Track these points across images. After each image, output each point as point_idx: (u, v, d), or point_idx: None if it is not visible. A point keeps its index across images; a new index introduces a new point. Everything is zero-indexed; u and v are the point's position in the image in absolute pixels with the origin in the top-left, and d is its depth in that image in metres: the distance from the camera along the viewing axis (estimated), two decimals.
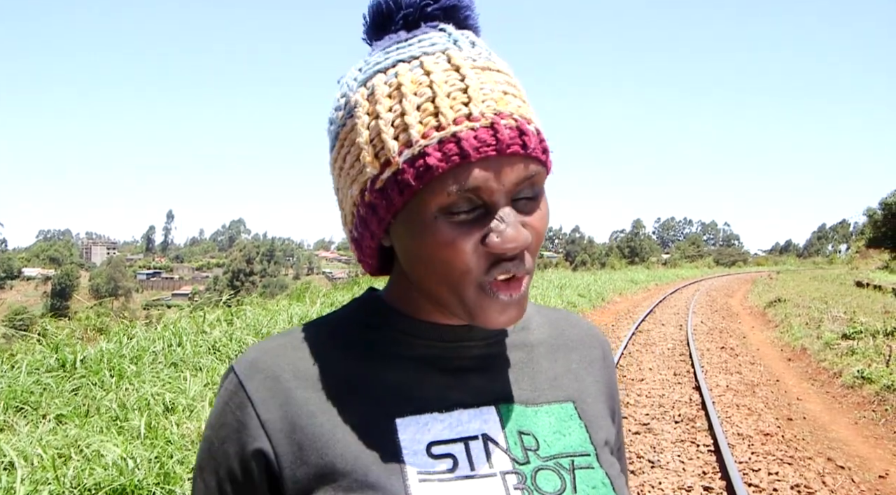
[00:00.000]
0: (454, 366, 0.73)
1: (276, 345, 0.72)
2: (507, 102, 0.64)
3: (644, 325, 14.45)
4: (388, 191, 0.64)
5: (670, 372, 9.12)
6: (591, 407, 0.78)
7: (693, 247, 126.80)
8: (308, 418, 0.67)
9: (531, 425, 0.72)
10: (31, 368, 5.47)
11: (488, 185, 0.62)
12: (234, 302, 9.64)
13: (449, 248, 0.63)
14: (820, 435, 6.36)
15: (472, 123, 0.62)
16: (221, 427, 0.69)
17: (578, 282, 22.35)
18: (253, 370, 0.70)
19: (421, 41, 0.68)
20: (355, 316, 0.76)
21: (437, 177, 0.62)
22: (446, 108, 0.62)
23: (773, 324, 14.96)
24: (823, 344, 10.61)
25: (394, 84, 0.65)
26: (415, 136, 0.62)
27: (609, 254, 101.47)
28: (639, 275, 35.36)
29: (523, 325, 0.80)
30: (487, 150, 0.61)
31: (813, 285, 24.27)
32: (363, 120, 0.66)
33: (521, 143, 0.63)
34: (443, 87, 0.64)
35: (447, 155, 0.61)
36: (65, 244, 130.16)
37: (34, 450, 3.76)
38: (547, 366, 0.79)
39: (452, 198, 0.62)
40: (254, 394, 0.68)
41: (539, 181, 0.66)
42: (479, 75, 0.65)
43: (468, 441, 0.69)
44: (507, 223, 0.63)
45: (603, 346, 0.86)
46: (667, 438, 6.06)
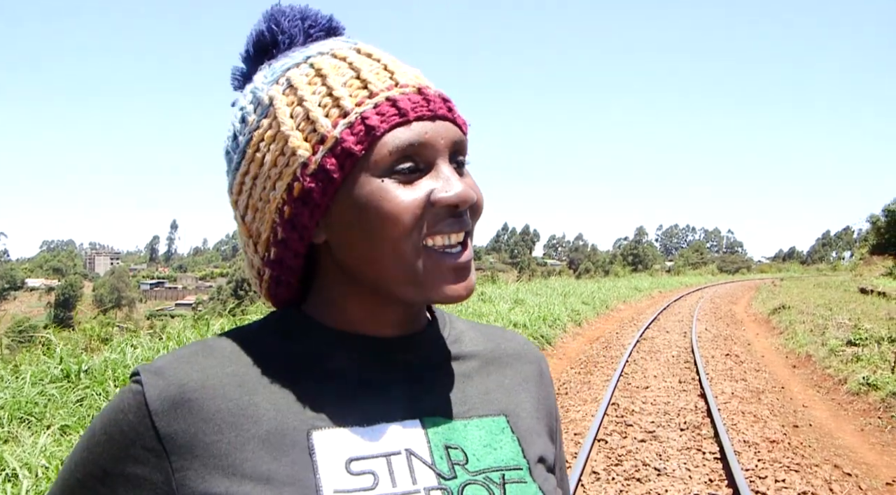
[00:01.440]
0: (378, 378, 0.70)
1: (187, 353, 0.67)
2: (425, 80, 0.69)
3: (648, 333, 14.41)
4: (325, 170, 0.63)
5: (675, 380, 9.08)
6: (524, 422, 0.75)
7: (696, 254, 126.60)
8: (215, 434, 0.62)
9: (460, 439, 0.69)
10: (35, 379, 5.47)
11: (427, 142, 0.64)
12: (238, 311, 9.65)
13: (398, 209, 0.63)
14: (826, 442, 6.33)
15: (402, 89, 0.66)
16: (112, 424, 0.64)
17: (582, 290, 22.30)
18: (157, 377, 0.64)
19: (321, 44, 0.71)
20: (273, 326, 0.72)
21: (378, 138, 0.63)
22: (374, 79, 0.66)
23: (778, 331, 14.91)
24: (828, 350, 10.57)
25: (311, 72, 0.68)
26: (349, 106, 0.64)
27: (612, 261, 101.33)
28: (642, 282, 35.29)
29: (455, 339, 0.78)
30: (422, 110, 0.65)
31: (817, 292, 24.18)
32: (284, 110, 0.66)
33: (448, 108, 0.67)
34: (364, 65, 0.67)
35: (385, 116, 0.63)
36: (68, 254, 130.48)
37: (38, 462, 3.76)
38: (479, 379, 0.76)
39: (395, 156, 0.63)
40: (153, 403, 0.62)
41: (466, 151, 0.69)
42: (392, 60, 0.69)
43: (390, 456, 0.65)
44: (452, 179, 0.65)
45: (539, 363, 0.83)
46: (673, 446, 6.03)
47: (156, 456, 0.62)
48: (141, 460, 0.62)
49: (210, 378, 0.65)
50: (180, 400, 0.63)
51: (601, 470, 5.36)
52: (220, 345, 0.69)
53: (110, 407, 0.66)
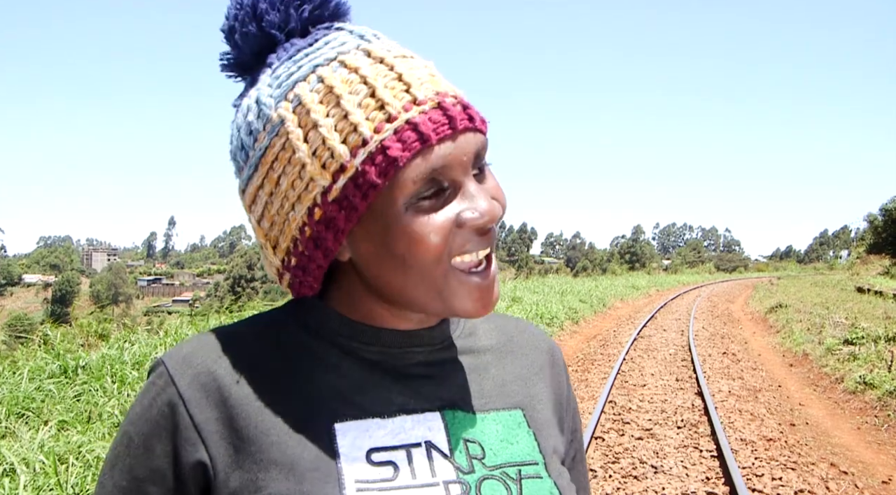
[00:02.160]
0: (398, 371, 0.70)
1: (212, 340, 0.67)
2: (440, 83, 0.64)
3: (645, 331, 14.43)
4: (348, 199, 0.61)
5: (672, 378, 9.10)
6: (540, 414, 0.75)
7: (694, 252, 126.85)
8: (244, 419, 0.63)
9: (477, 433, 0.69)
10: (32, 374, 5.47)
11: (450, 164, 0.61)
12: (235, 307, 9.65)
13: (425, 238, 0.61)
14: (823, 440, 6.35)
15: (421, 107, 0.61)
16: (146, 423, 0.64)
17: (580, 288, 22.32)
18: (185, 365, 0.65)
19: (328, 43, 0.66)
20: (292, 316, 0.72)
21: (401, 168, 0.60)
22: (391, 99, 0.61)
23: (775, 329, 14.94)
24: (825, 349, 10.59)
25: (322, 89, 0.62)
26: (367, 134, 0.60)
27: (610, 259, 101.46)
28: (640, 280, 35.32)
29: (471, 331, 0.78)
30: (444, 130, 0.61)
31: (814, 291, 24.23)
32: (297, 133, 0.62)
33: (469, 117, 0.63)
34: (378, 80, 0.62)
35: (407, 143, 0.60)
36: (65, 250, 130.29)
37: (36, 457, 3.76)
38: (495, 372, 0.76)
39: (418, 185, 0.60)
40: (186, 392, 0.63)
41: (485, 153, 0.66)
42: (405, 62, 0.64)
43: (410, 448, 0.65)
44: (478, 197, 0.63)
45: (552, 353, 0.83)
46: (670, 444, 6.04)
47: (193, 445, 0.63)
48: (183, 451, 0.63)
49: (236, 365, 0.66)
50: (211, 387, 0.64)
51: (598, 467, 5.37)
52: (242, 332, 0.70)
53: (141, 403, 0.65)
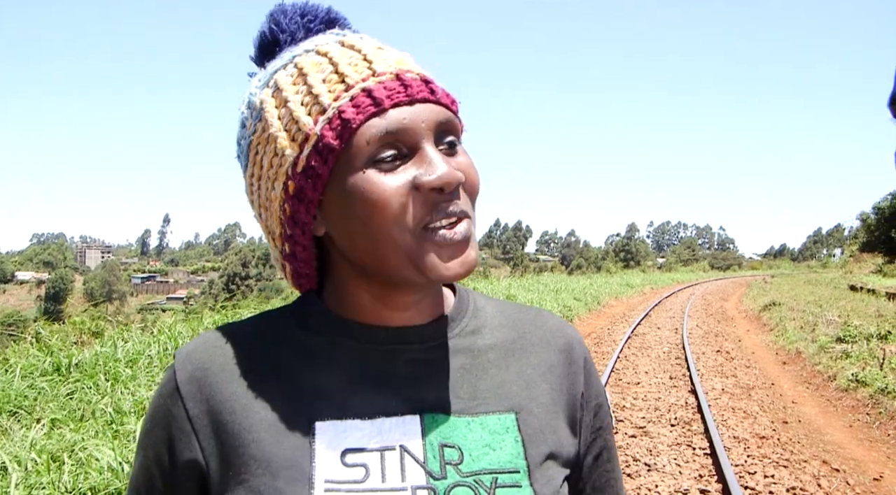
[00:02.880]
0: (385, 370, 0.70)
1: (213, 338, 0.72)
2: (407, 64, 0.68)
3: (640, 329, 14.46)
4: (311, 167, 0.65)
5: (666, 376, 9.13)
6: (537, 418, 0.73)
7: (688, 250, 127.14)
8: (230, 414, 0.67)
9: (458, 437, 0.68)
10: (25, 372, 5.46)
11: (406, 127, 0.64)
12: (229, 305, 9.62)
13: (382, 197, 0.63)
14: (815, 438, 6.38)
15: (379, 77, 0.65)
16: (155, 414, 0.70)
17: (574, 286, 22.35)
18: (187, 361, 0.70)
19: (311, 40, 0.72)
20: (291, 315, 0.75)
21: (355, 130, 0.64)
22: (350, 71, 0.66)
23: (768, 327, 14.99)
24: (818, 347, 10.64)
25: (295, 72, 0.69)
26: (326, 102, 0.65)
27: (605, 257, 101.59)
28: (634, 278, 35.39)
29: (473, 329, 0.77)
30: (398, 96, 0.64)
31: (807, 289, 24.32)
32: (272, 112, 0.68)
33: (429, 90, 0.67)
34: (343, 58, 0.68)
35: (361, 107, 0.64)
36: (59, 247, 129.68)
37: (28, 455, 3.75)
38: (494, 372, 0.74)
39: (373, 146, 0.64)
40: (183, 386, 0.68)
41: (455, 130, 0.68)
42: (376, 50, 0.69)
43: (384, 451, 0.66)
44: (436, 162, 0.64)
45: (569, 350, 0.79)
46: (663, 441, 6.06)
47: (188, 437, 0.67)
48: (178, 442, 0.67)
49: (229, 362, 0.69)
50: (204, 382, 0.68)
51: None
52: (242, 330, 0.73)
53: (154, 396, 0.71)
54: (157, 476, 0.69)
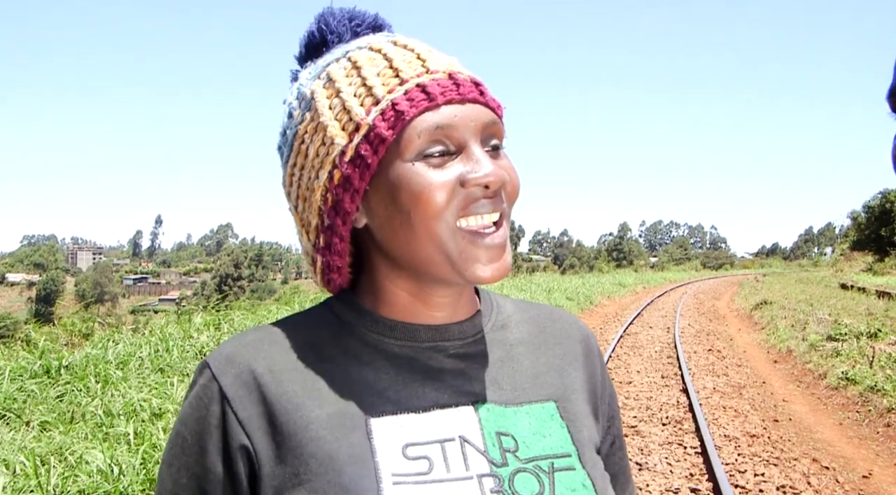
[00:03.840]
0: (431, 366, 0.72)
1: (252, 340, 0.71)
2: (457, 66, 0.71)
3: (632, 328, 14.50)
4: (360, 156, 0.67)
5: (658, 375, 9.16)
6: (573, 405, 0.76)
7: (680, 250, 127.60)
8: (283, 415, 0.66)
9: (510, 426, 0.71)
10: (14, 375, 5.42)
11: (457, 124, 0.66)
12: (221, 306, 9.59)
13: (428, 190, 0.65)
14: (805, 436, 6.41)
15: (433, 75, 0.68)
16: (197, 422, 0.68)
17: (566, 286, 22.40)
18: (228, 365, 0.68)
19: (363, 39, 0.74)
20: (328, 314, 0.75)
21: (408, 122, 0.65)
22: (405, 67, 0.68)
23: (760, 326, 15.06)
24: (809, 346, 10.70)
25: (349, 66, 0.71)
26: (380, 93, 0.67)
27: (597, 257, 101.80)
28: (627, 278, 35.48)
29: (502, 324, 0.79)
30: (451, 94, 0.67)
31: (798, 288, 24.44)
32: (323, 102, 0.70)
33: (479, 92, 0.69)
34: (397, 55, 0.70)
35: (415, 100, 0.66)
36: (50, 249, 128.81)
37: (16, 458, 3.72)
38: (528, 364, 0.77)
39: (424, 140, 0.65)
40: (229, 390, 0.67)
41: (500, 134, 0.70)
42: (427, 50, 0.71)
43: (444, 443, 0.67)
44: (483, 161, 0.66)
45: (585, 341, 0.84)
46: (654, 440, 6.08)
47: (240, 441, 0.66)
48: (231, 447, 0.66)
49: (275, 364, 0.69)
50: (252, 385, 0.67)
51: None
52: (280, 332, 0.73)
53: (190, 404, 0.69)
54: (207, 491, 0.67)
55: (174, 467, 0.68)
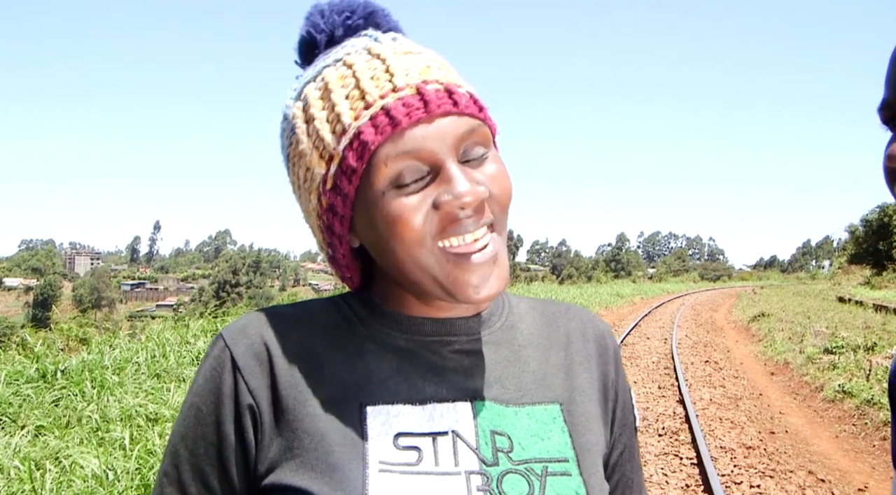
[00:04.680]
0: (433, 360, 0.72)
1: (266, 316, 0.73)
2: (432, 72, 0.67)
3: (629, 339, 14.50)
4: (338, 185, 0.66)
5: (655, 386, 9.15)
6: (580, 407, 0.75)
7: (678, 261, 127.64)
8: (285, 390, 0.68)
9: (508, 426, 0.70)
10: (10, 379, 5.41)
11: (426, 146, 0.63)
12: (219, 313, 9.58)
13: (402, 219, 0.64)
14: (801, 448, 6.40)
15: (398, 93, 0.64)
16: (211, 392, 0.69)
17: (564, 296, 22.41)
18: (241, 336, 0.70)
19: (343, 46, 0.71)
20: (343, 305, 0.76)
21: (374, 152, 0.63)
22: (371, 88, 0.65)
23: (757, 338, 15.05)
24: (806, 358, 10.69)
25: (322, 86, 0.69)
26: (347, 122, 0.65)
27: (595, 267, 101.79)
28: (625, 288, 35.50)
29: (513, 323, 0.78)
30: (417, 113, 0.63)
31: (796, 300, 24.45)
32: (302, 128, 0.69)
33: (452, 102, 0.65)
34: (366, 72, 0.67)
35: (379, 127, 0.63)
36: (47, 254, 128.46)
37: (11, 463, 3.71)
38: (536, 365, 0.76)
39: (392, 168, 0.63)
40: (240, 360, 0.68)
41: (483, 139, 0.67)
42: (401, 57, 0.68)
43: (437, 436, 0.67)
44: (457, 180, 0.63)
45: (601, 340, 0.82)
46: (651, 451, 6.07)
47: (248, 409, 0.67)
48: (243, 415, 0.67)
49: (285, 340, 0.70)
50: (263, 356, 0.69)
51: None
52: (293, 313, 0.74)
53: (203, 374, 0.70)
54: (224, 456, 0.67)
55: (189, 438, 0.69)
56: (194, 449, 0.69)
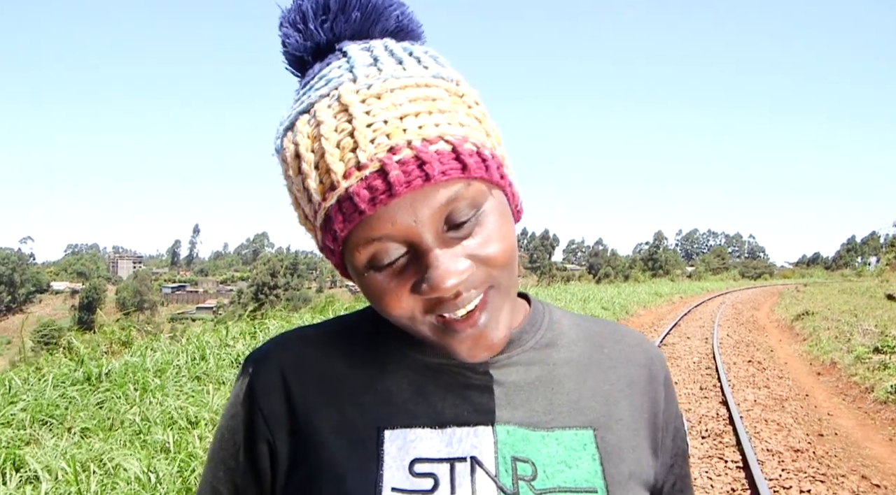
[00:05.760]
0: (456, 381, 0.69)
1: (288, 339, 0.73)
2: (404, 129, 0.58)
3: (669, 338, 14.26)
4: (326, 246, 0.63)
5: (696, 387, 8.96)
6: (616, 435, 0.70)
7: (718, 259, 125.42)
8: (303, 416, 0.67)
9: (532, 452, 0.66)
10: (56, 381, 5.54)
11: (396, 228, 0.57)
12: (258, 315, 9.70)
13: (382, 300, 0.61)
14: (853, 451, 6.19)
15: (362, 172, 0.57)
16: (232, 418, 0.70)
17: (602, 295, 22.18)
18: (262, 363, 0.71)
19: (320, 78, 0.63)
20: (365, 323, 0.74)
21: (343, 239, 0.60)
22: (335, 162, 0.58)
23: (801, 337, 14.67)
24: (854, 358, 10.37)
25: (292, 149, 0.62)
26: (316, 199, 0.59)
27: (632, 266, 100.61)
28: (663, 287, 34.99)
29: (549, 341, 0.74)
30: (382, 198, 0.56)
31: (842, 298, 23.80)
32: (291, 176, 0.63)
33: (423, 175, 0.56)
34: (331, 139, 0.59)
35: (346, 214, 0.58)
36: (92, 258, 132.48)
37: (58, 464, 3.79)
38: (571, 386, 0.71)
39: (364, 254, 0.59)
40: (259, 388, 0.69)
41: (473, 198, 0.59)
42: (372, 106, 0.59)
43: (455, 462, 0.64)
44: (433, 266, 0.58)
45: (650, 366, 0.76)
46: (694, 454, 5.93)
47: (266, 441, 0.68)
48: (259, 444, 0.68)
49: (304, 365, 0.70)
50: (280, 383, 0.69)
51: None
52: (316, 335, 0.73)
53: (229, 400, 0.72)
54: (238, 484, 0.70)
55: (213, 461, 0.71)
56: (216, 473, 0.71)
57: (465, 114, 0.62)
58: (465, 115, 0.61)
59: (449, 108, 0.60)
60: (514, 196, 0.66)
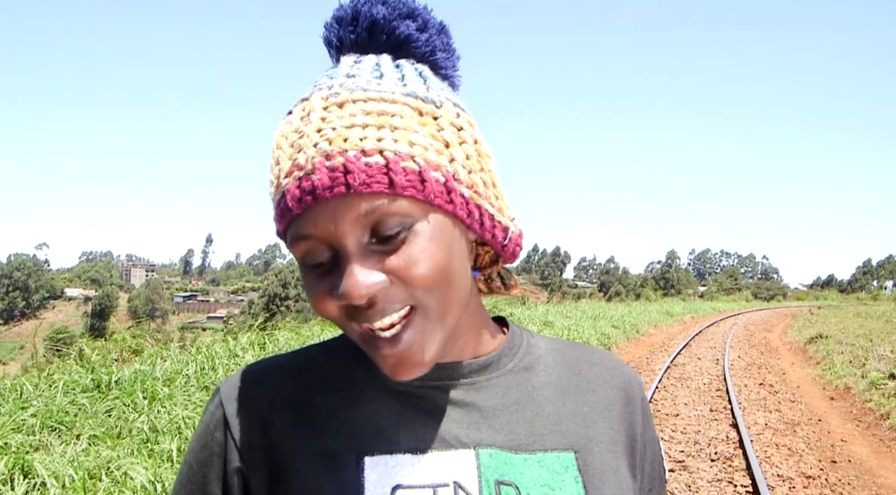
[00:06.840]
0: (436, 405, 0.68)
1: (261, 368, 0.72)
2: (345, 138, 0.59)
3: (679, 359, 14.13)
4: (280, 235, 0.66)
5: (706, 408, 8.87)
6: (597, 458, 0.70)
7: (730, 279, 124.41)
8: (279, 447, 0.66)
9: (515, 475, 0.66)
10: (67, 388, 5.57)
11: (319, 231, 0.59)
12: (267, 326, 9.72)
13: (312, 299, 0.63)
14: (867, 479, 6.09)
15: (298, 174, 0.59)
16: (202, 449, 0.69)
17: (612, 314, 22.03)
18: (235, 392, 0.70)
19: (313, 81, 0.67)
20: (345, 347, 0.73)
21: (285, 231, 0.63)
22: (284, 161, 0.61)
23: (815, 360, 14.50)
24: (869, 383, 10.23)
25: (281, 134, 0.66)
26: (269, 191, 0.64)
27: (644, 285, 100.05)
28: (675, 307, 34.73)
29: (527, 365, 0.74)
30: (307, 199, 0.59)
31: (857, 322, 23.51)
32: None
33: (345, 183, 0.57)
34: (290, 136, 0.62)
35: (282, 211, 0.61)
36: (105, 265, 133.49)
37: (66, 471, 3.80)
38: (551, 409, 0.71)
39: (298, 250, 0.62)
40: (232, 418, 0.68)
41: (404, 213, 0.59)
42: (330, 114, 0.61)
43: (437, 488, 0.63)
44: (346, 275, 0.59)
45: (627, 389, 0.76)
46: (703, 477, 5.86)
47: (238, 473, 0.67)
48: (230, 476, 0.67)
49: (279, 394, 0.69)
50: (254, 413, 0.68)
51: None
52: (292, 362, 0.73)
53: (198, 430, 0.71)
54: None
55: (178, 485, 0.70)
56: None
57: (429, 134, 0.62)
58: (426, 135, 0.61)
59: (406, 126, 0.61)
60: (485, 227, 0.66)
